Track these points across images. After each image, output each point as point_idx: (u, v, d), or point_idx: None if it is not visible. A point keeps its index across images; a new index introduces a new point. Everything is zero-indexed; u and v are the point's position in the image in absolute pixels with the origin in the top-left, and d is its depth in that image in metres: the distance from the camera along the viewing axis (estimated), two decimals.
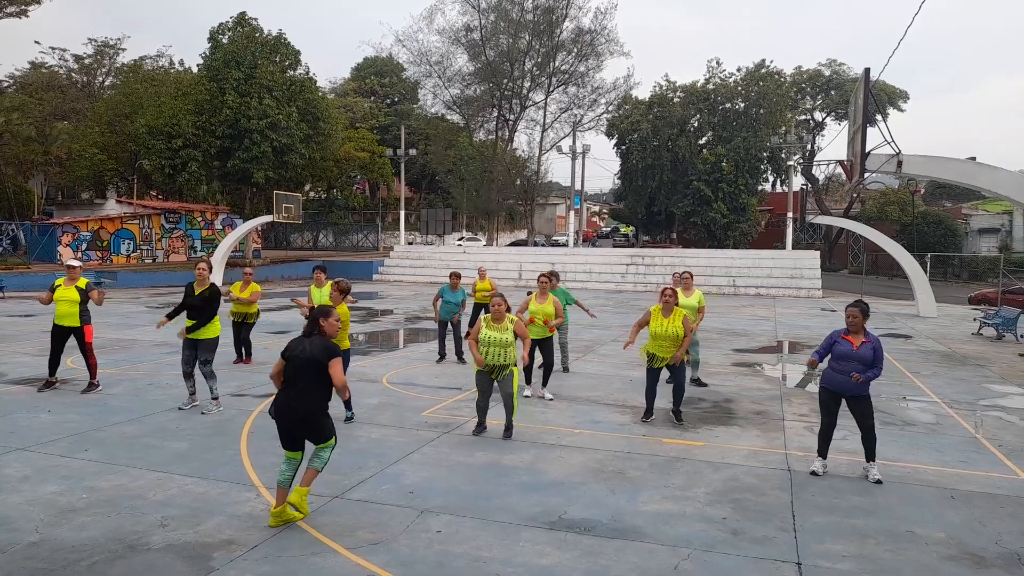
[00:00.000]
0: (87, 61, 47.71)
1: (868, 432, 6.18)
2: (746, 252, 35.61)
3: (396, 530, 4.94)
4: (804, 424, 8.06)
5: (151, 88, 39.81)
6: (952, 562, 4.65)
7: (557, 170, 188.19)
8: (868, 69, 13.88)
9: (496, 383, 7.17)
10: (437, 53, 48.76)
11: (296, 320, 15.92)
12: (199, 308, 8.12)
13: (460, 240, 50.55)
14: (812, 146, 54.84)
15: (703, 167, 47.81)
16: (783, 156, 44.82)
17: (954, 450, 7.17)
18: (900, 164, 13.35)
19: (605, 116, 51.50)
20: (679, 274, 10.31)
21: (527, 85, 49.43)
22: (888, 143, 13.31)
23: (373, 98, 60.87)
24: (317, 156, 40.35)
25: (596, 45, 47.93)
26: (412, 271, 35.86)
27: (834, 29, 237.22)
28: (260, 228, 40.74)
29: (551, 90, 49.50)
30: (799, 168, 48.06)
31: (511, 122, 50.97)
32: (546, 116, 50.08)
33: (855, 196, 55.25)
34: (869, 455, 6.23)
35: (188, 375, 8.23)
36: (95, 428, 7.34)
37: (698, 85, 49.83)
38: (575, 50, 48.15)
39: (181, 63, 46.43)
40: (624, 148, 52.11)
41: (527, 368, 9.16)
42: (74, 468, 6.08)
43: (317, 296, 9.61)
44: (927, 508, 5.57)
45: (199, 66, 38.97)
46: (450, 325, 11.76)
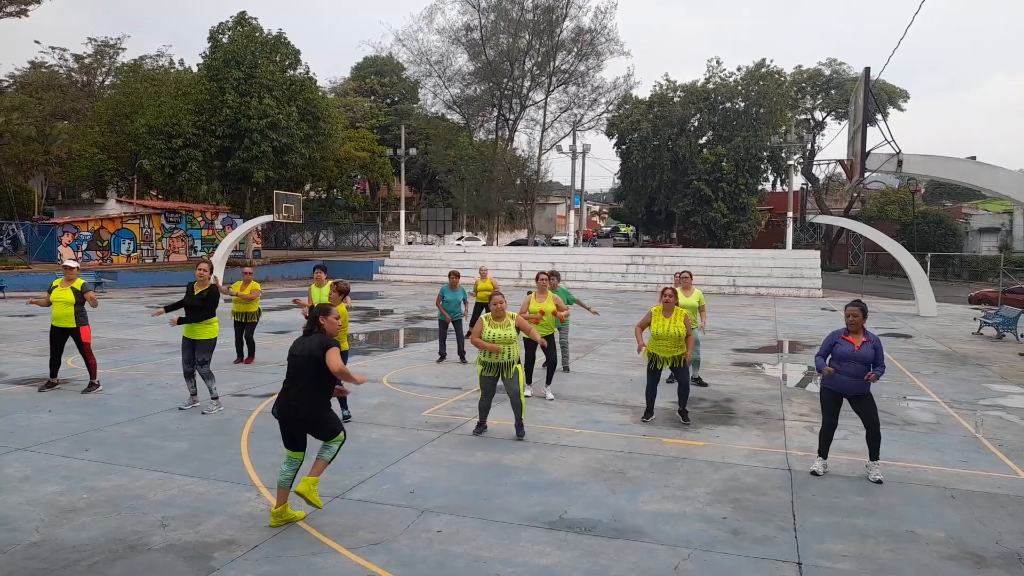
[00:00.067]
0: (87, 61, 47.73)
1: (873, 429, 6.16)
2: (746, 252, 35.59)
3: (396, 530, 4.94)
4: (804, 424, 8.06)
5: (151, 88, 39.82)
6: (952, 562, 4.64)
7: (557, 170, 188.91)
8: (868, 68, 13.87)
9: (503, 382, 7.16)
10: (437, 52, 48.84)
11: (297, 320, 15.94)
12: (198, 308, 8.15)
13: (460, 240, 50.49)
14: (812, 146, 54.77)
15: (703, 167, 47.75)
16: (783, 156, 44.82)
17: (954, 450, 7.17)
18: (900, 163, 13.34)
19: (605, 116, 51.50)
20: (679, 274, 10.34)
21: (527, 85, 49.42)
22: (888, 142, 13.31)
23: (373, 98, 60.87)
24: (317, 156, 40.35)
25: (596, 44, 47.96)
26: (412, 271, 35.85)
27: (834, 28, 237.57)
28: (260, 228, 40.73)
29: (551, 90, 49.48)
30: (799, 168, 48.08)
31: (511, 122, 50.95)
32: (546, 116, 50.14)
33: (855, 196, 55.22)
34: (873, 454, 6.21)
35: (189, 375, 8.27)
36: (95, 428, 7.35)
37: (698, 84, 49.76)
38: (575, 49, 48.14)
39: (181, 63, 46.50)
40: (624, 148, 52.02)
41: (528, 368, 9.16)
42: (75, 468, 6.09)
43: (317, 296, 9.68)
44: (927, 508, 5.57)
45: (199, 66, 39.00)
46: (451, 325, 11.81)
